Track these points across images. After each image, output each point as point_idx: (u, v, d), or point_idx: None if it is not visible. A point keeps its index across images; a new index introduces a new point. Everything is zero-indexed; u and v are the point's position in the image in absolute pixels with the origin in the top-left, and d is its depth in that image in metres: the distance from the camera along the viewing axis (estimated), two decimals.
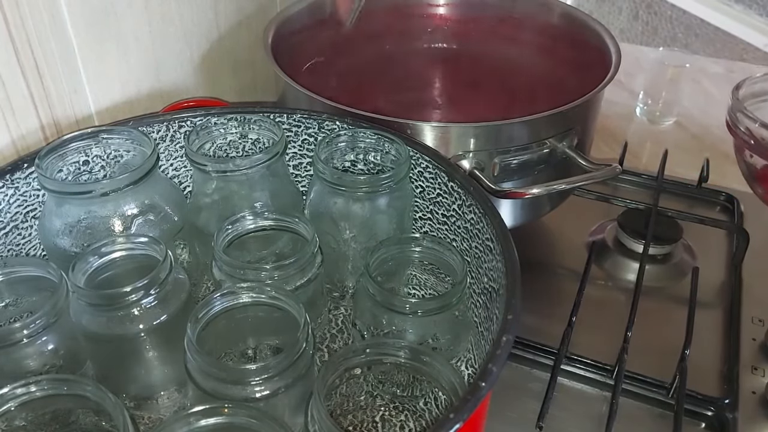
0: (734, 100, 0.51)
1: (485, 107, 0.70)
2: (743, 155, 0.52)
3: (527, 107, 0.55)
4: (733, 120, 0.51)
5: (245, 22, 0.74)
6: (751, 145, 0.49)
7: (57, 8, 0.54)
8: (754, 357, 0.57)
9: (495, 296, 0.42)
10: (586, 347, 0.57)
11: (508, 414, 0.53)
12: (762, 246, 0.68)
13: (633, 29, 1.80)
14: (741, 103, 0.51)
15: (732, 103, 0.51)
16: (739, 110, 0.50)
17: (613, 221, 0.71)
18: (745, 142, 0.50)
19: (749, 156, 0.51)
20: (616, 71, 0.60)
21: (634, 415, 0.53)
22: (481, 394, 0.33)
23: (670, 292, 0.64)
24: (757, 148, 0.49)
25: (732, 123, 0.51)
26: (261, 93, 0.80)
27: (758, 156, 0.50)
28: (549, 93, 0.60)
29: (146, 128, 0.53)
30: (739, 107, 0.50)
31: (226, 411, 0.34)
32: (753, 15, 1.49)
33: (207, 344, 0.41)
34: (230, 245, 0.48)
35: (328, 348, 0.51)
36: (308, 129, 0.55)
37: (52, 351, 0.41)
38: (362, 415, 0.45)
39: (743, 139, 0.50)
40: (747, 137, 0.49)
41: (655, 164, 0.75)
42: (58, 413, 0.39)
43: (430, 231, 0.54)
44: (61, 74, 0.56)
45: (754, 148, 0.49)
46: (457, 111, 0.70)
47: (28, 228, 0.49)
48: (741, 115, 0.50)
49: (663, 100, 0.91)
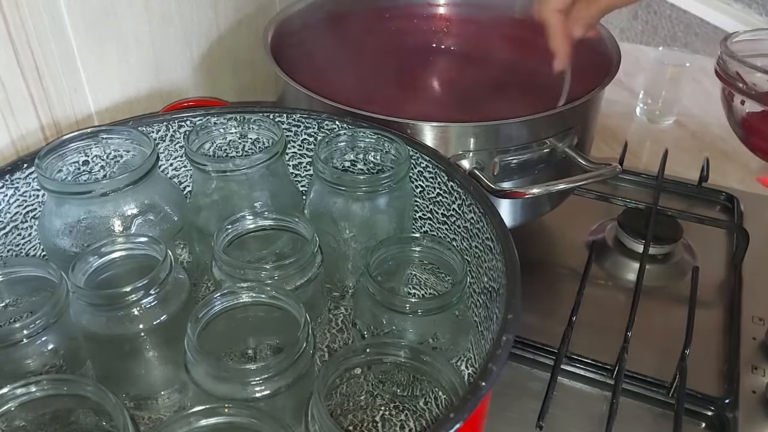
0: (724, 48, 0.51)
1: (485, 107, 0.70)
2: (731, 102, 0.52)
3: (527, 107, 0.55)
4: (723, 67, 0.51)
5: (245, 22, 0.74)
6: (741, 89, 0.50)
7: (57, 9, 0.54)
8: (755, 356, 0.57)
9: (495, 296, 0.42)
10: (586, 347, 0.57)
11: (508, 414, 0.53)
12: (762, 245, 0.68)
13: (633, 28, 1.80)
14: (730, 49, 0.51)
15: (722, 50, 0.51)
16: (730, 56, 0.50)
17: (613, 221, 0.71)
18: (734, 86, 0.50)
19: (740, 102, 0.51)
20: (616, 71, 0.60)
21: (634, 415, 0.53)
22: (481, 393, 0.33)
23: (670, 291, 0.64)
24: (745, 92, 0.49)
25: (722, 70, 0.52)
26: (261, 93, 0.80)
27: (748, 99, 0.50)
28: (549, 93, 0.60)
29: (146, 128, 0.53)
30: (729, 53, 0.51)
31: (226, 411, 0.34)
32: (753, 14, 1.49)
33: (207, 344, 0.41)
34: (230, 245, 0.48)
35: (328, 348, 0.51)
36: (308, 129, 0.55)
37: (52, 351, 0.41)
38: (362, 414, 0.45)
39: (733, 84, 0.50)
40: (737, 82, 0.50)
41: (655, 164, 0.75)
42: (58, 413, 0.39)
43: (430, 230, 0.54)
44: (60, 74, 0.56)
45: (743, 92, 0.50)
46: (457, 110, 0.70)
47: (28, 228, 0.49)
48: (732, 61, 0.50)
49: (663, 99, 0.91)
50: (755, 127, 0.51)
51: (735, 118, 0.53)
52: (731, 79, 0.50)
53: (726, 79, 0.51)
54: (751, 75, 0.49)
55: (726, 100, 0.53)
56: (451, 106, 0.71)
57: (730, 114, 0.53)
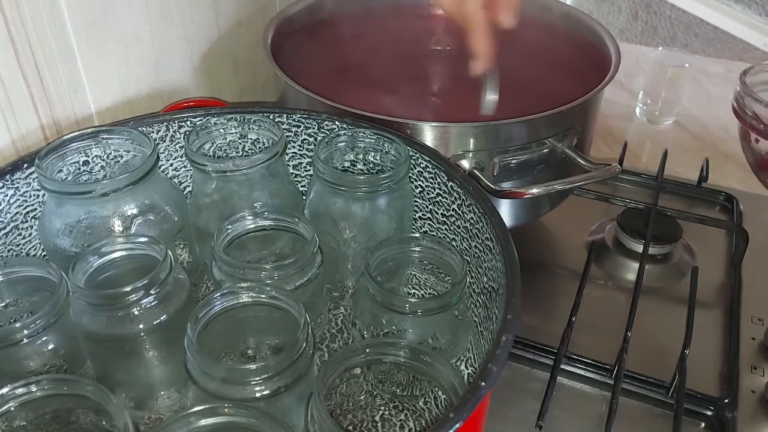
0: (742, 84, 0.51)
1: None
2: (749, 141, 0.52)
3: (527, 107, 0.55)
4: (740, 104, 0.51)
5: (245, 22, 0.74)
6: (759, 130, 0.49)
7: (57, 8, 0.54)
8: (754, 356, 0.57)
9: (495, 296, 0.42)
10: (586, 347, 0.57)
11: (508, 414, 0.53)
12: (761, 245, 0.68)
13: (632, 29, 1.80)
14: (749, 87, 0.50)
15: (740, 87, 0.51)
16: (748, 94, 0.50)
17: (612, 221, 0.71)
18: (752, 126, 0.50)
19: (755, 141, 0.50)
20: (616, 71, 0.60)
21: (633, 415, 0.53)
22: (481, 393, 0.33)
23: (669, 291, 0.64)
24: (764, 132, 0.49)
25: (739, 107, 0.51)
26: (261, 93, 0.80)
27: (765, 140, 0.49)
28: (549, 93, 0.60)
29: (146, 128, 0.53)
30: (747, 91, 0.50)
31: (226, 411, 0.34)
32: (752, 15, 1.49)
33: (207, 344, 0.41)
34: (230, 245, 0.48)
35: (328, 348, 0.51)
36: (308, 129, 0.55)
37: (52, 351, 0.41)
38: (362, 414, 0.45)
39: (750, 123, 0.50)
40: (755, 122, 0.49)
41: (654, 164, 0.75)
42: (59, 413, 0.39)
43: (429, 231, 0.54)
44: (61, 74, 0.56)
45: (762, 132, 0.49)
46: (456, 111, 0.70)
47: (28, 228, 0.50)
48: (749, 99, 0.50)
49: (663, 99, 0.91)
50: None
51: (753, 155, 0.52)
52: (749, 119, 0.49)
53: (743, 118, 0.50)
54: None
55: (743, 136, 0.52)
56: (451, 106, 0.71)
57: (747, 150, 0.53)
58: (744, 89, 0.50)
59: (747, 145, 0.52)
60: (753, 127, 0.50)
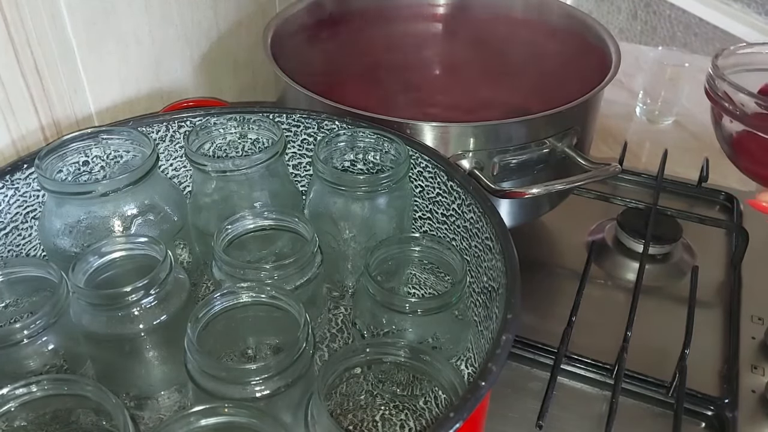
0: (713, 67, 0.51)
1: (485, 107, 0.70)
2: (720, 123, 0.52)
3: (526, 107, 0.55)
4: (712, 87, 0.51)
5: (245, 22, 0.74)
6: (729, 110, 0.50)
7: (57, 8, 0.54)
8: (754, 356, 0.57)
9: (494, 295, 0.42)
10: (586, 347, 0.57)
11: (508, 413, 0.53)
12: (761, 245, 0.68)
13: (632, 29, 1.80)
14: (720, 69, 0.51)
15: (711, 70, 0.51)
16: (719, 76, 0.50)
17: (612, 221, 0.71)
18: (723, 107, 0.50)
19: (729, 122, 0.51)
20: (616, 71, 0.60)
21: (633, 415, 0.53)
22: (481, 393, 0.33)
23: (669, 291, 0.64)
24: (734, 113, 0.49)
25: (711, 89, 0.52)
26: (261, 93, 0.80)
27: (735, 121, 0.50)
28: (548, 92, 0.60)
29: (146, 128, 0.53)
30: (718, 73, 0.51)
31: (226, 411, 0.34)
32: (752, 14, 1.49)
33: (207, 344, 0.41)
34: (230, 245, 0.48)
35: (328, 348, 0.51)
36: (307, 129, 0.55)
37: (52, 351, 0.41)
38: (362, 414, 0.45)
39: (721, 104, 0.50)
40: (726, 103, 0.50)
41: (654, 164, 0.75)
42: (59, 413, 0.39)
43: (429, 230, 0.54)
44: (61, 74, 0.56)
45: (732, 113, 0.50)
46: (456, 110, 0.70)
47: (28, 228, 0.50)
48: (720, 81, 0.50)
49: (662, 99, 0.91)
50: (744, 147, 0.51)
51: (723, 137, 0.53)
52: (719, 99, 0.50)
53: (714, 98, 0.51)
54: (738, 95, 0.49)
55: (715, 118, 0.53)
56: (451, 106, 0.71)
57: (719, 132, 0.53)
58: (715, 71, 0.51)
59: (719, 127, 0.53)
60: (724, 108, 0.50)
